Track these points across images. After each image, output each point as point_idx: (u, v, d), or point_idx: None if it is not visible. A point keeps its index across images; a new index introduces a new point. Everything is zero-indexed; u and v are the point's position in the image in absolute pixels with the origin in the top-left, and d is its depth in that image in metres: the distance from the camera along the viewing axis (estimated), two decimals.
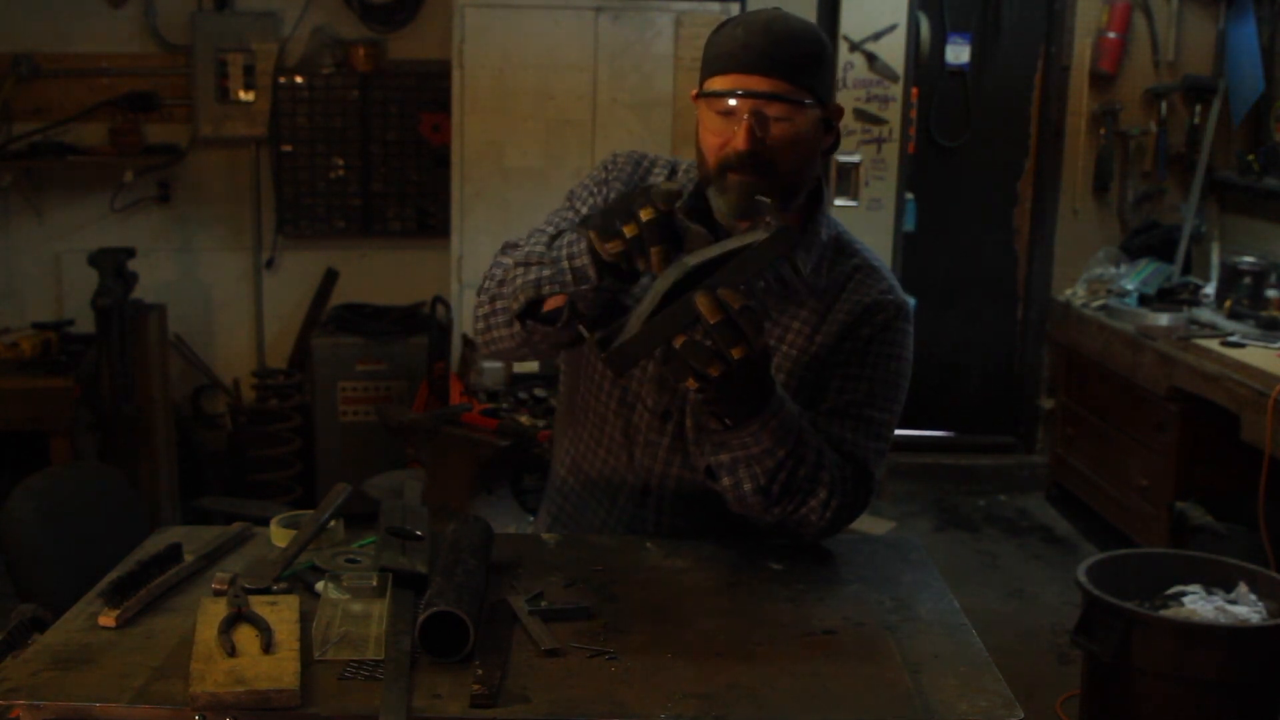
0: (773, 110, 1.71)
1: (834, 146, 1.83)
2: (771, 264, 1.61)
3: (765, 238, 1.53)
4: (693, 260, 1.54)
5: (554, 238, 1.77)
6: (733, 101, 1.71)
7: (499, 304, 1.80)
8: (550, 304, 1.75)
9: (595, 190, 1.94)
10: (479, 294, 1.86)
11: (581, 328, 1.57)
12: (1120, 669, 2.98)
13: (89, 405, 4.06)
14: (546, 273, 1.72)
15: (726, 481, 1.72)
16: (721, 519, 1.91)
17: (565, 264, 1.69)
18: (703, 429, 1.75)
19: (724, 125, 1.73)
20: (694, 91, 1.79)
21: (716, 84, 1.74)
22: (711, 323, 1.49)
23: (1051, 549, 4.93)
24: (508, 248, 1.89)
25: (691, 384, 1.56)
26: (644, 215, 1.56)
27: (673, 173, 1.94)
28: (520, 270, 1.77)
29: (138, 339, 4.38)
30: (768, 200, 1.58)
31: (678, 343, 1.52)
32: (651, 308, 1.52)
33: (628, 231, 1.57)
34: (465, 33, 4.50)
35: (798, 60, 1.72)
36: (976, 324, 5.79)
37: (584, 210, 1.92)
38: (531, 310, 1.77)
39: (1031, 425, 5.75)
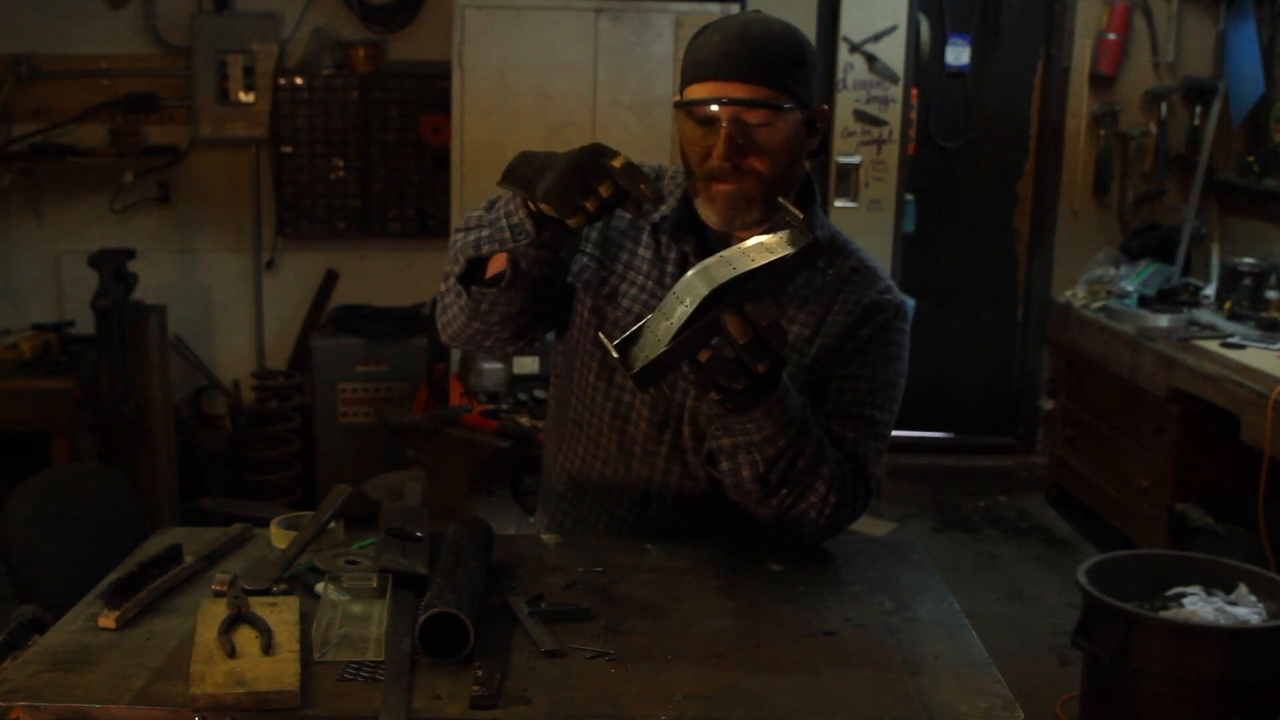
0: (753, 117, 1.69)
1: (819, 150, 1.83)
2: (796, 274, 1.59)
3: (794, 252, 1.51)
4: (721, 275, 1.51)
5: (494, 201, 1.77)
6: (712, 109, 1.70)
7: (450, 277, 1.82)
8: (493, 268, 1.77)
9: None
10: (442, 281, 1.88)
11: (602, 336, 1.56)
12: (1120, 670, 2.98)
13: (89, 406, 4.06)
14: (485, 233, 1.73)
15: (725, 466, 1.72)
16: (723, 524, 1.91)
17: (503, 221, 1.70)
18: (706, 412, 1.75)
19: (704, 134, 1.72)
20: (675, 99, 1.78)
21: (695, 92, 1.72)
22: (741, 343, 1.49)
23: (1051, 550, 4.93)
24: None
25: (714, 396, 1.57)
26: (604, 191, 1.56)
27: (658, 179, 1.92)
28: (460, 235, 1.79)
29: (137, 340, 4.38)
30: (798, 214, 1.53)
31: (703, 357, 1.51)
32: (681, 324, 1.50)
33: (589, 206, 1.57)
34: (465, 34, 4.49)
35: (776, 64, 1.70)
36: (976, 325, 5.79)
37: None
38: (475, 275, 1.78)
39: (1031, 426, 5.75)
